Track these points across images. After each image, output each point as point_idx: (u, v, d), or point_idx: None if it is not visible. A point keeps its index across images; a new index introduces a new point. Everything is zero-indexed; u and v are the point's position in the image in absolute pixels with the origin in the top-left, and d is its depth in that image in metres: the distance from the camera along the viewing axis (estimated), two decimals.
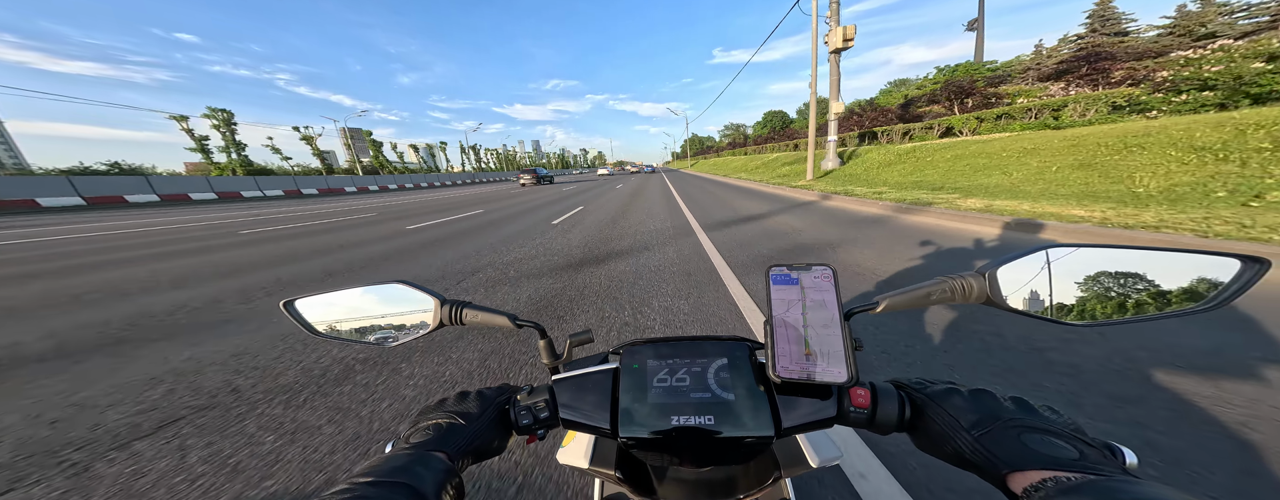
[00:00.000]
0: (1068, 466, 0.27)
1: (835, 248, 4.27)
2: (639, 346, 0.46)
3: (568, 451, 0.56)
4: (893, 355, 1.94)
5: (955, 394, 0.35)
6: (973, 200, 5.96)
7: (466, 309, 0.47)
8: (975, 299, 0.40)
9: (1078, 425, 0.31)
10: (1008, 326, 2.09)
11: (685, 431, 0.38)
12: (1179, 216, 3.82)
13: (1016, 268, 0.39)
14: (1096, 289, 0.37)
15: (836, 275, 0.40)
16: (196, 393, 1.93)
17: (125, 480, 1.38)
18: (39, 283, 4.42)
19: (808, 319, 0.38)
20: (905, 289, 0.42)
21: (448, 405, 0.41)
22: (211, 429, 1.64)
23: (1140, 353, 1.78)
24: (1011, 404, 0.33)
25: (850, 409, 0.37)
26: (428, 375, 1.97)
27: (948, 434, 0.33)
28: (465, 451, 0.37)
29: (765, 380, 0.41)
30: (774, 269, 0.42)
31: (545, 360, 0.50)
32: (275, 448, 1.50)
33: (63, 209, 20.94)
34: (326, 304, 0.49)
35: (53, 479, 1.40)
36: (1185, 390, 1.52)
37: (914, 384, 0.39)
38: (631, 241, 5.23)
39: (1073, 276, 0.38)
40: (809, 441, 0.52)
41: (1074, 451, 0.28)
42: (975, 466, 0.31)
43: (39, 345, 2.62)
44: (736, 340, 0.46)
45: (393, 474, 0.29)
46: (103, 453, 1.53)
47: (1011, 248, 3.22)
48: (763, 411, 0.38)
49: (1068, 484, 0.25)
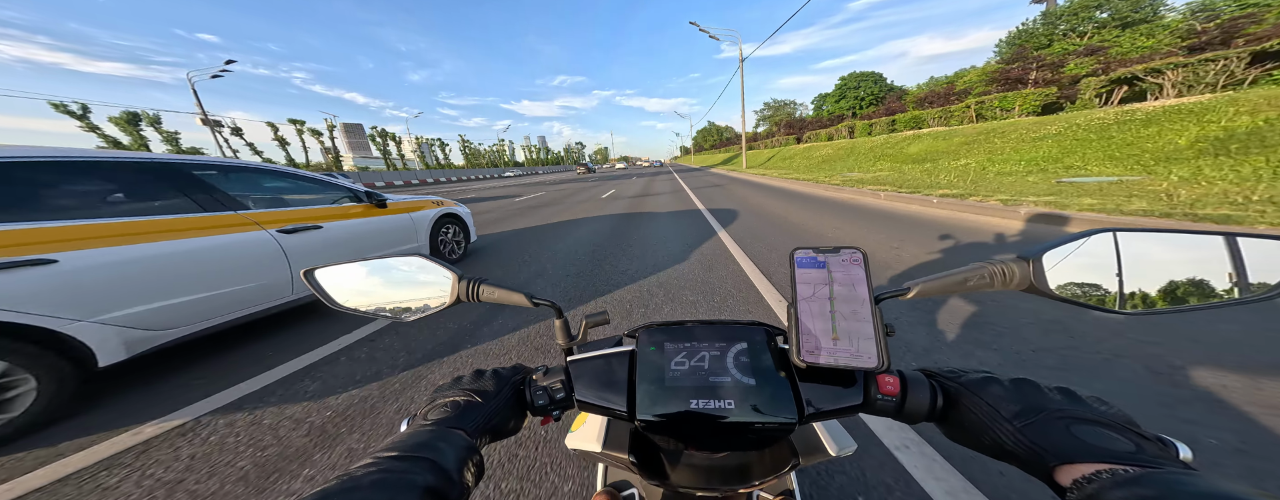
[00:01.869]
0: (1123, 460, 0.26)
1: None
2: (656, 329, 0.45)
3: (578, 436, 0.56)
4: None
5: (994, 383, 0.34)
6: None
7: (484, 286, 0.47)
8: (1016, 285, 0.38)
9: (1129, 417, 0.29)
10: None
11: (704, 415, 0.37)
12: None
13: (1061, 253, 0.37)
14: (1149, 276, 0.35)
15: (867, 258, 0.39)
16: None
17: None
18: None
19: (835, 303, 0.37)
20: (940, 274, 0.40)
21: (464, 383, 0.40)
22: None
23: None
24: (1058, 394, 0.32)
25: (877, 396, 0.36)
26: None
27: (986, 424, 0.32)
28: (483, 430, 0.37)
29: (787, 365, 0.39)
30: (799, 252, 0.40)
31: (560, 341, 0.49)
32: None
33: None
34: (346, 274, 0.49)
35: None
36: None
37: (946, 373, 0.37)
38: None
39: (1123, 263, 0.35)
40: (827, 430, 0.51)
41: (1130, 444, 0.27)
42: (1017, 458, 0.30)
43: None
44: (757, 325, 0.44)
45: (417, 449, 0.29)
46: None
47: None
48: (784, 397, 0.37)
49: (1125, 476, 0.24)
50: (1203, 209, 3.64)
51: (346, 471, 0.26)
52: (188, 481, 1.30)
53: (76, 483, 1.34)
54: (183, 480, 1.31)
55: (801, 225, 5.26)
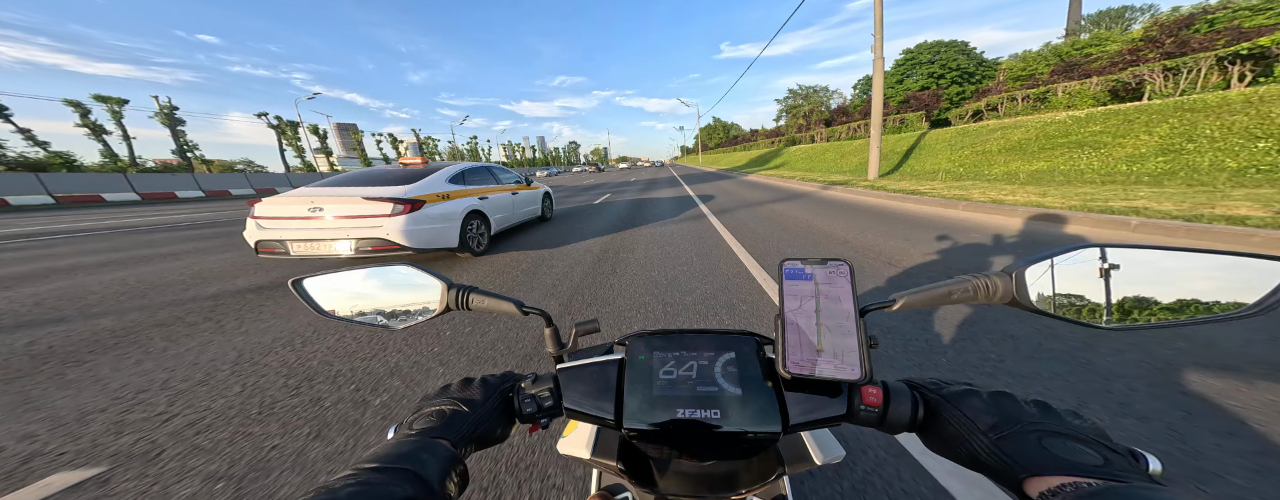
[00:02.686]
0: (1089, 473, 0.26)
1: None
2: (645, 338, 0.46)
3: (569, 442, 0.56)
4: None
5: (973, 395, 0.34)
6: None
7: (474, 294, 0.47)
8: (999, 299, 0.38)
9: (1102, 430, 0.30)
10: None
11: (690, 424, 0.37)
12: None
13: (1044, 267, 0.37)
14: (1131, 291, 0.35)
15: (853, 271, 0.39)
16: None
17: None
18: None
19: (821, 315, 0.37)
20: (924, 287, 0.40)
21: (451, 392, 0.40)
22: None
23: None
24: (1033, 408, 0.32)
25: (861, 407, 0.37)
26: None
27: (963, 436, 0.32)
28: (469, 439, 0.37)
29: (774, 376, 0.40)
30: (787, 263, 0.40)
31: (550, 348, 0.49)
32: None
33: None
34: (334, 284, 0.49)
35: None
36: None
37: (929, 384, 0.38)
38: None
39: (1106, 277, 0.36)
40: (814, 439, 0.51)
41: (1097, 457, 0.27)
42: (990, 470, 0.30)
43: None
44: (745, 335, 0.45)
45: (398, 460, 0.29)
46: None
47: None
48: (770, 407, 0.38)
49: (1087, 490, 0.24)
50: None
51: (325, 484, 0.26)
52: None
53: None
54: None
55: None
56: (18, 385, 2.01)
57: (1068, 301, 0.36)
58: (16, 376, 2.10)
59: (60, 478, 1.36)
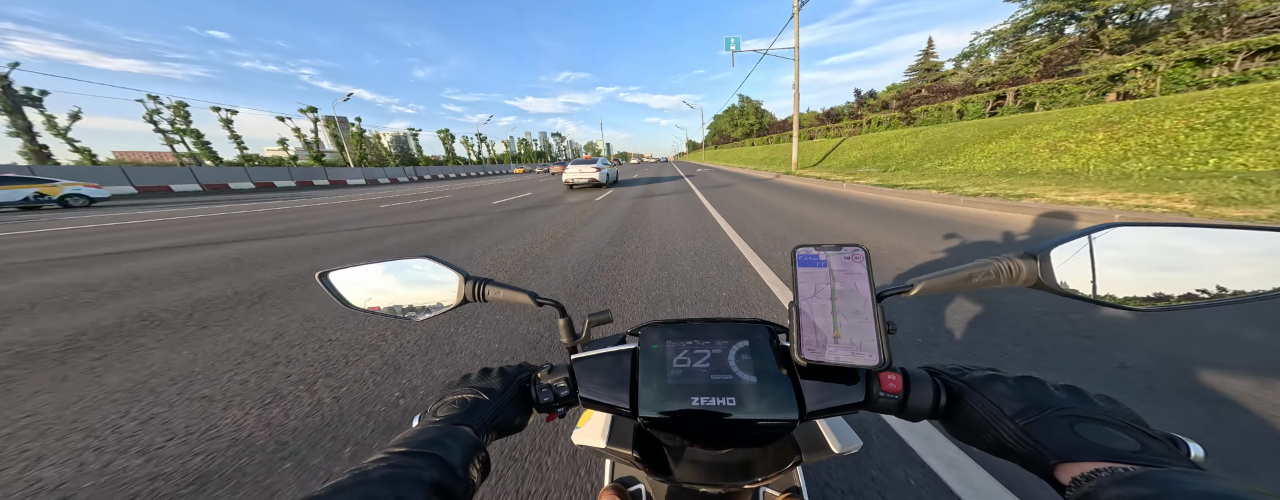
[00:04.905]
0: (1126, 458, 0.25)
1: None
2: (658, 327, 0.46)
3: (584, 432, 0.56)
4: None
5: (998, 381, 0.33)
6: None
7: (489, 286, 0.48)
8: (1024, 282, 0.37)
9: (1137, 416, 0.29)
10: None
11: (705, 413, 0.37)
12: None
13: (1070, 248, 0.36)
14: (1161, 271, 0.34)
15: (869, 256, 0.38)
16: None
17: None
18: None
19: (837, 301, 0.37)
20: (944, 271, 0.39)
21: (471, 381, 0.41)
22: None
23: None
24: (1063, 393, 0.31)
25: (880, 394, 0.36)
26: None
27: (989, 422, 0.31)
28: (489, 427, 0.38)
29: (789, 363, 0.40)
30: (800, 250, 0.40)
31: (564, 339, 0.50)
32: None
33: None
34: (358, 276, 0.50)
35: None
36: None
37: (950, 370, 0.37)
38: None
39: (1135, 258, 0.34)
40: (831, 428, 0.51)
41: (1134, 443, 0.26)
42: (1019, 456, 0.29)
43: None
44: (759, 323, 0.44)
45: (424, 445, 0.30)
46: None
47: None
48: (786, 395, 0.37)
49: (1123, 475, 0.23)
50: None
51: (358, 466, 0.27)
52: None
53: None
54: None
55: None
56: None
57: (1095, 283, 0.35)
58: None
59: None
